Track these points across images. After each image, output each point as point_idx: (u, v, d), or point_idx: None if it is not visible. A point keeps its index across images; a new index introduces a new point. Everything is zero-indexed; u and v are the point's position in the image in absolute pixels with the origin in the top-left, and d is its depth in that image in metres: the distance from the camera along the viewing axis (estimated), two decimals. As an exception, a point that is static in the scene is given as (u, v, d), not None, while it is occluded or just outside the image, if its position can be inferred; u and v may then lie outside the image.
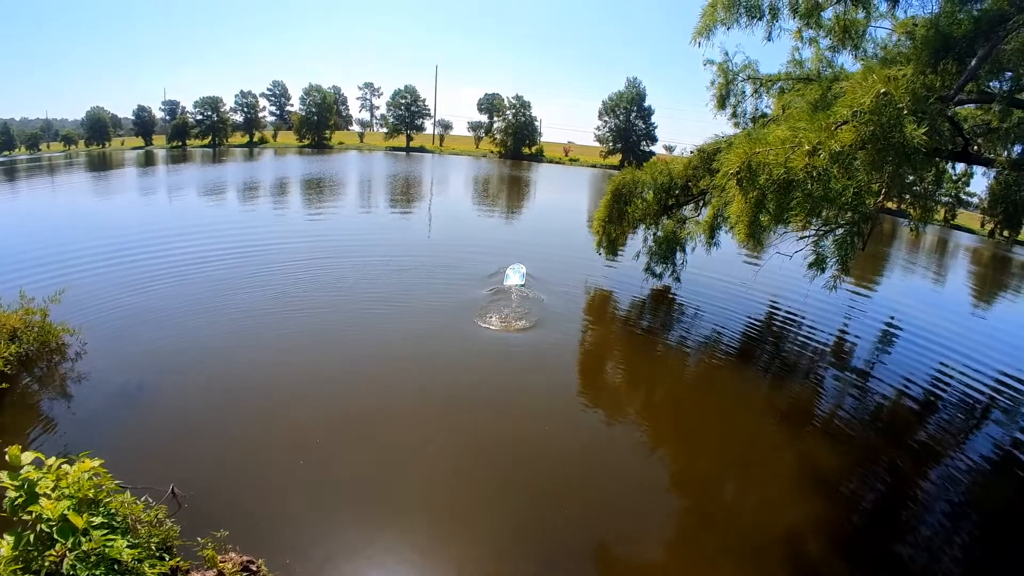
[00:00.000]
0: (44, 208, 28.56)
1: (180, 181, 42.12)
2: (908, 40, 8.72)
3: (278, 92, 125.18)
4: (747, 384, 10.06)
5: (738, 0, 9.66)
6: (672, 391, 9.78)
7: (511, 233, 22.10)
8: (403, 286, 13.60)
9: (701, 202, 13.16)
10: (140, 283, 12.83)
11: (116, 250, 16.22)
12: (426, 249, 18.21)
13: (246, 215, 24.74)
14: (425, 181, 44.87)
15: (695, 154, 12.82)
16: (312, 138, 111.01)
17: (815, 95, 7.81)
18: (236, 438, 7.04)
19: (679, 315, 13.24)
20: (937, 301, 20.21)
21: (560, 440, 7.60)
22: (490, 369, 9.44)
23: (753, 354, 11.50)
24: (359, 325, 11.04)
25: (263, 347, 9.75)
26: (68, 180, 45.98)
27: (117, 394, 7.91)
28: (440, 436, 7.47)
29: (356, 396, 8.40)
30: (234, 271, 14.08)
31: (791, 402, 9.62)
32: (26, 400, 7.79)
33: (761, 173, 6.93)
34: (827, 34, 10.25)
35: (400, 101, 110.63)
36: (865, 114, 5.83)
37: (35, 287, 9.44)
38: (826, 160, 6.25)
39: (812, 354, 11.86)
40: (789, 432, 8.54)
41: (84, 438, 6.70)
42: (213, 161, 66.06)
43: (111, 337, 9.74)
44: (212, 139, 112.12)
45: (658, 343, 11.43)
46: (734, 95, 12.14)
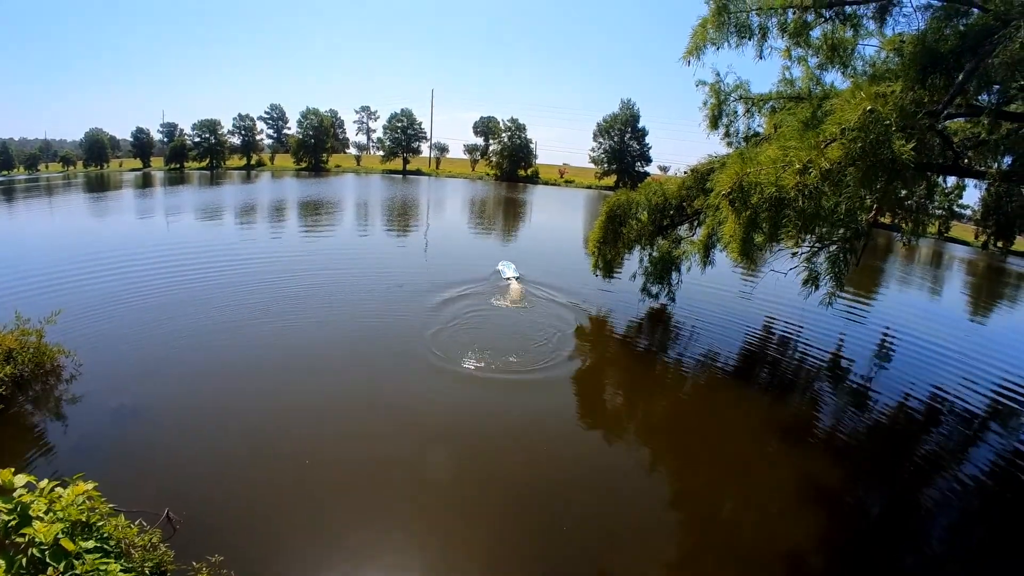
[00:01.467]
0: (41, 228, 28.66)
1: (177, 203, 42.16)
2: (896, 57, 8.86)
3: (275, 115, 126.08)
4: (746, 401, 10.06)
5: (727, 19, 9.80)
6: (671, 409, 9.75)
7: (506, 254, 22.11)
8: (400, 306, 13.61)
9: (696, 222, 13.22)
10: (136, 305, 12.83)
11: (112, 272, 16.23)
12: (423, 271, 18.19)
13: (242, 238, 24.77)
14: (422, 204, 45.01)
15: (689, 174, 12.91)
16: (309, 161, 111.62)
17: (806, 113, 7.90)
18: (231, 462, 7.00)
19: (676, 334, 13.26)
20: (933, 313, 20.31)
21: (559, 460, 7.57)
22: (484, 391, 9.40)
23: (751, 371, 11.52)
24: (355, 347, 11.03)
25: (258, 370, 9.73)
26: (66, 201, 46.14)
27: (111, 416, 7.87)
28: (436, 456, 7.44)
29: (353, 417, 8.36)
30: (230, 294, 14.06)
31: (790, 418, 9.62)
32: (20, 421, 7.75)
33: (753, 192, 6.99)
34: (816, 52, 10.42)
35: (396, 124, 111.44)
36: (852, 131, 5.91)
37: (31, 308, 9.41)
38: (816, 178, 6.32)
39: (810, 369, 11.88)
40: (789, 448, 8.52)
41: (78, 460, 6.68)
42: (211, 183, 66.29)
43: (106, 359, 9.72)
44: (210, 161, 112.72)
45: (656, 362, 11.44)
46: (726, 115, 12.27)
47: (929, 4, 8.74)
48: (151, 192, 54.59)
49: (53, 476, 4.93)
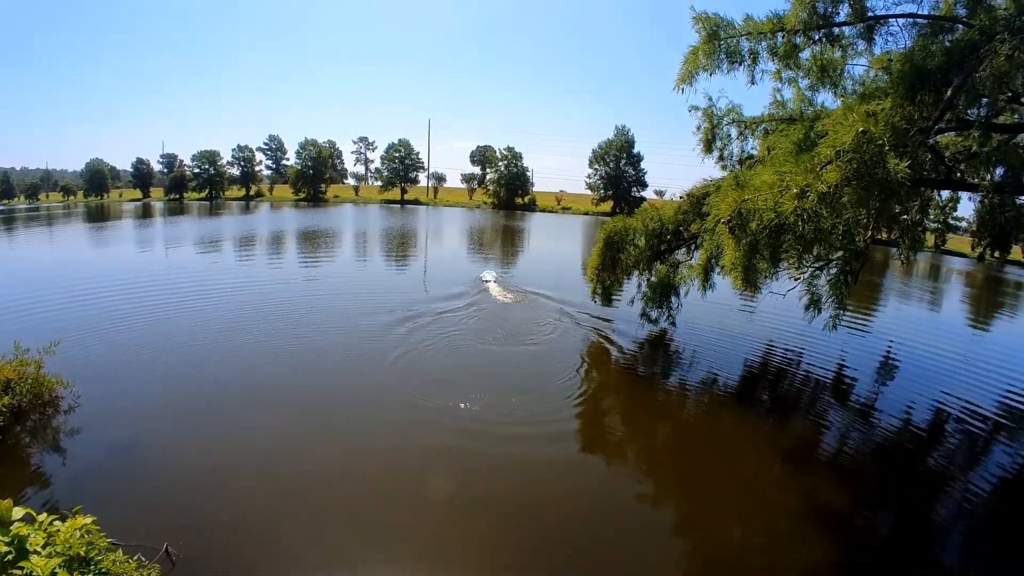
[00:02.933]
0: (41, 258, 28.73)
1: (177, 233, 42.37)
2: (885, 75, 9.01)
3: (274, 146, 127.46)
4: (750, 423, 10.00)
5: (718, 46, 9.95)
6: (674, 434, 9.68)
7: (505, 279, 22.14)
8: (402, 334, 13.57)
9: (693, 246, 13.28)
10: (135, 336, 12.80)
11: (112, 302, 16.23)
12: (423, 298, 18.18)
13: (242, 268, 24.79)
14: (420, 233, 45.19)
15: (685, 199, 13.00)
16: (308, 191, 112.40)
17: (798, 135, 7.98)
18: (231, 495, 6.88)
19: (677, 358, 13.22)
20: (934, 326, 20.35)
21: (560, 487, 7.48)
22: (486, 418, 9.30)
23: (754, 392, 11.47)
24: (357, 375, 10.98)
25: (258, 402, 9.64)
26: (66, 230, 46.31)
27: (110, 448, 7.78)
28: (437, 483, 7.36)
29: (355, 446, 8.28)
30: (230, 325, 14.04)
31: (794, 439, 9.55)
32: (18, 453, 7.67)
33: (752, 219, 7.02)
34: (806, 74, 10.59)
35: (394, 155, 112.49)
36: (848, 152, 5.97)
37: (30, 337, 9.38)
38: (814, 201, 6.37)
39: (812, 389, 11.84)
40: (794, 469, 8.45)
41: (76, 493, 6.57)
42: (210, 214, 66.59)
43: (105, 389, 9.66)
44: (209, 192, 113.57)
45: (657, 387, 11.38)
46: (720, 139, 12.41)
47: (915, 22, 8.91)
48: (151, 222, 54.92)
49: (51, 509, 4.89)
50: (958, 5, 8.48)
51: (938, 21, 8.57)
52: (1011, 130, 9.17)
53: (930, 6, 8.94)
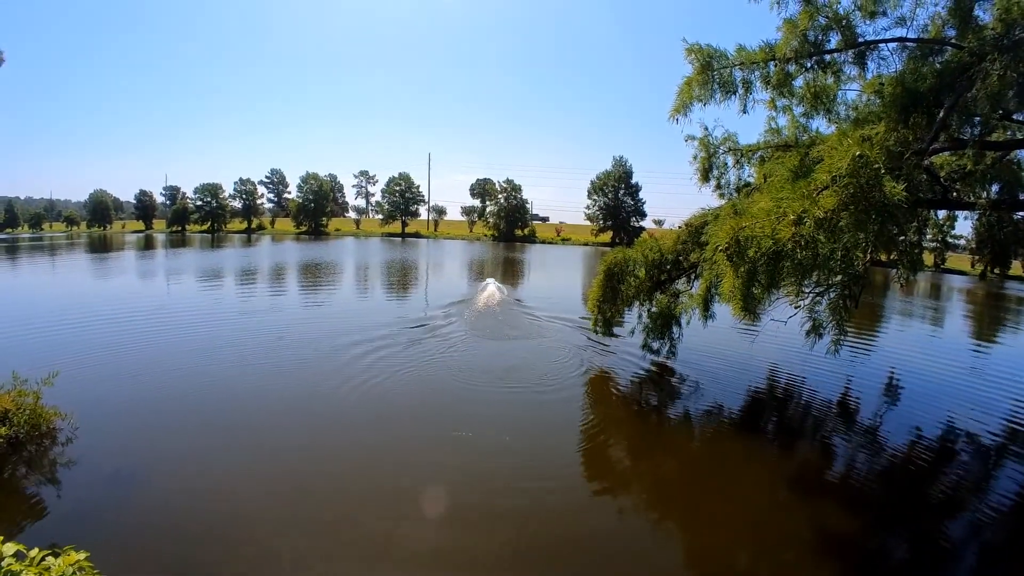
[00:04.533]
0: (43, 288, 28.87)
1: (179, 265, 42.52)
2: (877, 99, 9.15)
3: (276, 180, 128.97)
4: (755, 451, 9.87)
5: (711, 76, 10.10)
6: (679, 465, 9.53)
7: (505, 310, 22.13)
8: (409, 363, 13.54)
9: (693, 275, 13.29)
10: (135, 367, 12.74)
11: (112, 333, 16.23)
12: (427, 329, 18.15)
13: (243, 300, 24.80)
14: (421, 266, 45.32)
15: (683, 228, 13.06)
16: (309, 225, 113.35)
17: (794, 161, 8.06)
18: (230, 530, 6.73)
19: (679, 388, 13.10)
20: (938, 345, 20.26)
21: (564, 522, 7.34)
22: (487, 451, 9.17)
23: (758, 420, 11.36)
24: (366, 405, 10.85)
25: (261, 434, 9.52)
26: (68, 260, 46.56)
27: (106, 482, 7.67)
28: (444, 523, 7.23)
29: (358, 474, 8.17)
30: (230, 357, 13.99)
31: (801, 466, 9.43)
32: (13, 484, 7.56)
33: (750, 246, 7.06)
34: (800, 101, 10.77)
35: (395, 188, 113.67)
36: (844, 177, 6.03)
37: (30, 368, 9.36)
38: (811, 227, 6.40)
39: (817, 413, 11.75)
40: (802, 496, 8.31)
41: (71, 528, 6.48)
42: (212, 246, 66.90)
43: (103, 421, 9.57)
44: (211, 224, 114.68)
45: (661, 417, 11.28)
46: (716, 167, 12.55)
47: (905, 46, 9.07)
48: (153, 254, 55.24)
49: (45, 543, 4.80)
50: (947, 27, 8.67)
51: (927, 44, 8.74)
52: (1005, 147, 9.29)
53: (919, 29, 9.14)
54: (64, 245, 72.25)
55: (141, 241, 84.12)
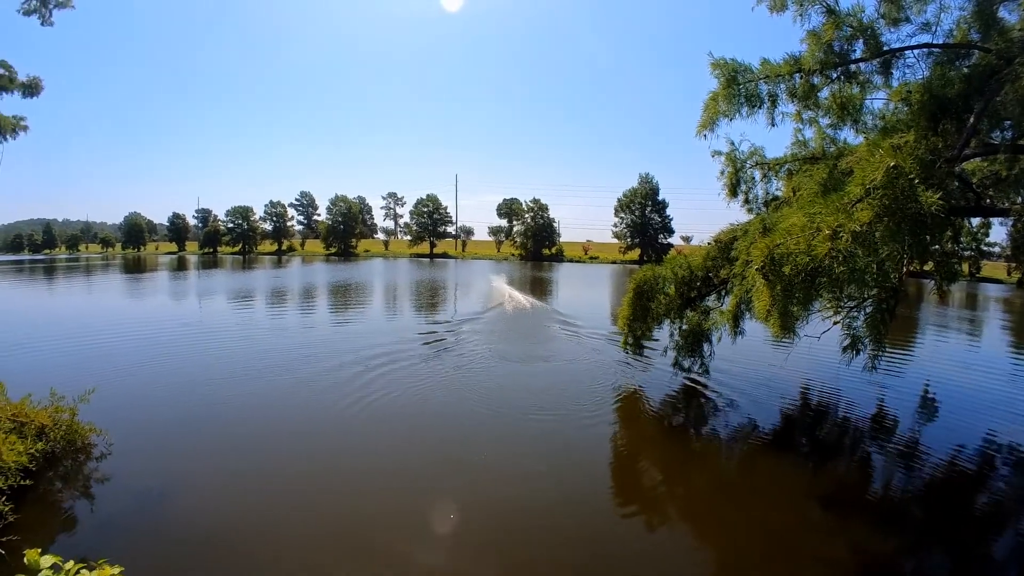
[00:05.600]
0: (79, 307, 29.65)
1: (211, 286, 43.28)
2: (905, 107, 8.97)
3: (305, 202, 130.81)
4: (789, 470, 9.61)
5: (738, 91, 10.03)
6: (710, 485, 9.31)
7: (533, 332, 22.12)
8: (444, 377, 13.59)
9: (723, 291, 13.12)
10: (169, 386, 13.00)
11: (147, 352, 16.61)
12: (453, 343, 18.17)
13: (276, 320, 25.17)
14: (449, 286, 45.46)
15: (712, 245, 12.90)
16: (339, 246, 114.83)
17: (823, 174, 7.95)
18: (260, 555, 6.66)
19: (711, 405, 12.87)
20: (975, 358, 19.65)
21: (591, 540, 7.22)
22: (516, 469, 9.09)
23: (791, 438, 11.08)
24: (394, 427, 10.83)
25: (297, 453, 9.52)
26: (104, 281, 47.75)
27: (139, 499, 7.75)
28: (467, 541, 7.16)
29: (385, 503, 8.10)
30: (265, 376, 14.13)
31: (835, 485, 9.14)
32: (48, 498, 7.71)
33: (785, 263, 6.93)
34: (826, 113, 10.63)
35: (423, 209, 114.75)
36: (879, 190, 5.90)
37: (67, 385, 9.54)
38: (848, 241, 6.27)
39: (852, 430, 11.41)
40: (838, 516, 8.04)
41: (103, 542, 6.57)
42: (243, 268, 68.01)
43: (137, 439, 9.72)
44: (242, 246, 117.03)
45: (691, 436, 11.07)
46: (744, 182, 12.42)
47: (930, 52, 8.91)
48: (186, 275, 56.39)
49: (78, 556, 4.85)
50: (972, 31, 8.50)
51: (953, 49, 8.58)
52: (1039, 150, 9.03)
53: (944, 34, 8.98)
54: (100, 266, 74.22)
55: (174, 262, 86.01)
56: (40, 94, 13.70)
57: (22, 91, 13.42)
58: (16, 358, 15.88)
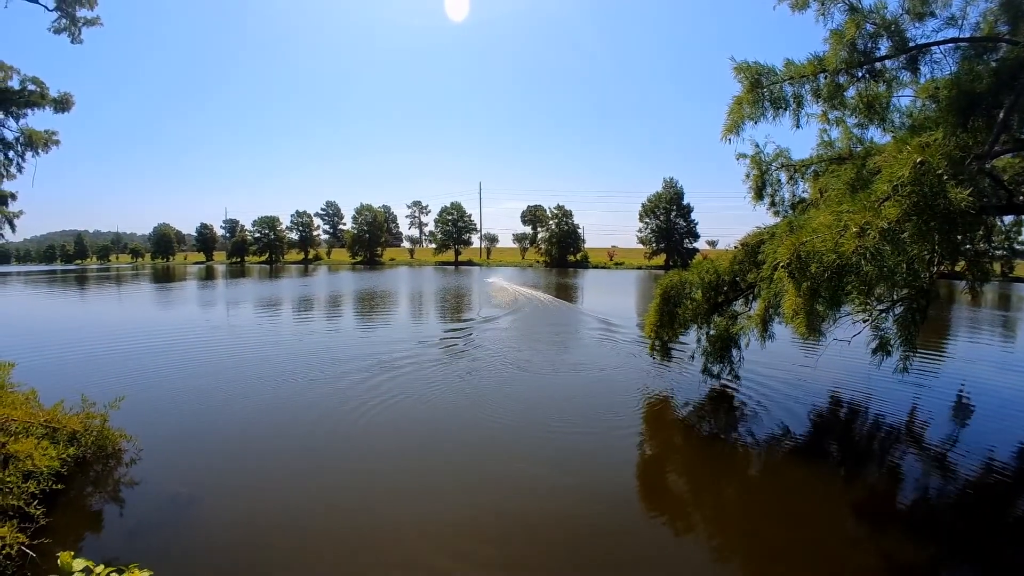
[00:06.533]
0: (111, 315, 30.33)
1: (238, 295, 43.92)
2: (933, 103, 8.78)
3: (331, 211, 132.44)
4: (819, 479, 9.40)
5: (762, 94, 9.91)
6: (739, 493, 9.14)
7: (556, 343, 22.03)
8: (455, 390, 13.61)
9: (751, 295, 12.96)
10: (199, 393, 13.20)
11: (177, 360, 16.91)
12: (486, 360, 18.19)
13: (304, 328, 25.39)
14: (474, 292, 45.52)
15: (739, 248, 12.75)
16: (364, 255, 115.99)
17: (850, 174, 7.81)
18: (289, 563, 6.63)
19: (740, 412, 12.66)
20: (1011, 360, 19.04)
21: (617, 547, 7.15)
22: (544, 478, 9.00)
23: (821, 445, 10.84)
24: (425, 433, 10.81)
25: (320, 466, 9.48)
26: (134, 290, 48.81)
27: (168, 505, 7.85)
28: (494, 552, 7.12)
29: (419, 503, 8.13)
30: (293, 385, 14.24)
31: (868, 492, 8.89)
32: (79, 503, 7.86)
33: (812, 262, 6.82)
34: (852, 112, 10.44)
35: (447, 217, 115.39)
36: (907, 186, 5.78)
37: (97, 391, 9.78)
38: (875, 239, 6.15)
39: (883, 436, 11.10)
40: (870, 526, 7.84)
41: (132, 547, 6.66)
42: (270, 277, 68.85)
43: (166, 445, 9.88)
44: (269, 256, 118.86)
45: (719, 442, 10.88)
46: (770, 184, 12.26)
47: (957, 46, 8.71)
48: (213, 284, 57.33)
49: (107, 560, 4.91)
50: (999, 23, 8.30)
51: (981, 43, 8.38)
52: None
53: (971, 27, 8.76)
54: (130, 275, 75.74)
55: (202, 272, 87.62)
56: (71, 109, 14.13)
57: (53, 107, 13.87)
58: (49, 364, 16.30)
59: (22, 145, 13.76)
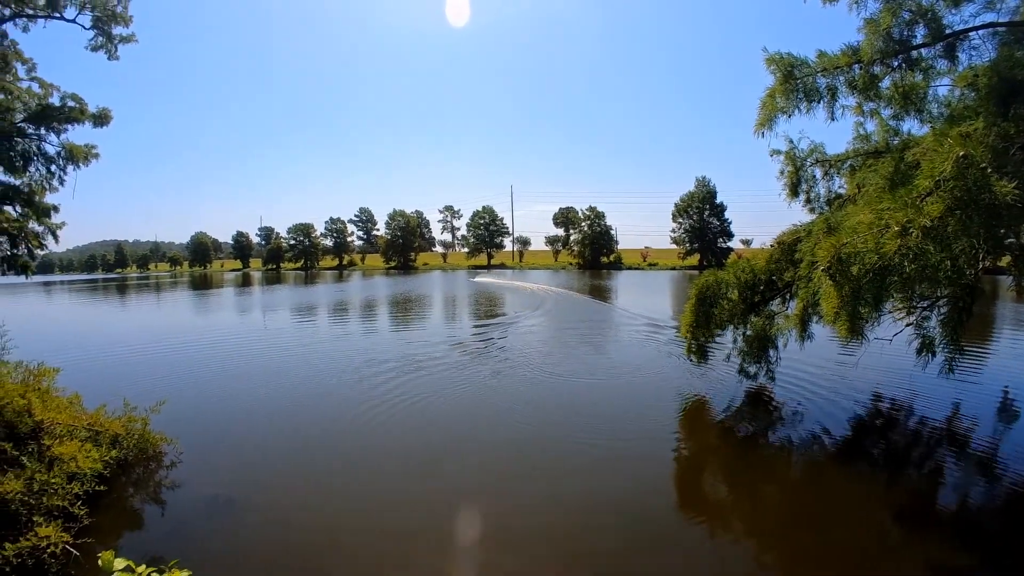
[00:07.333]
0: (151, 321, 31.12)
1: (275, 300, 44.75)
2: (971, 92, 8.48)
3: (364, 218, 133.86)
4: (859, 483, 9.12)
5: (795, 86, 9.70)
6: (778, 497, 8.91)
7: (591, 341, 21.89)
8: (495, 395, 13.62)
9: (788, 295, 12.70)
10: (237, 397, 13.51)
11: (216, 364, 17.35)
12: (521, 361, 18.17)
13: (340, 332, 25.71)
14: (506, 296, 45.52)
15: (775, 247, 12.51)
16: (398, 260, 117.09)
17: (888, 168, 7.57)
18: (330, 558, 6.75)
19: (778, 413, 12.38)
20: None
21: (652, 552, 7.05)
22: (581, 482, 8.90)
23: (861, 448, 10.52)
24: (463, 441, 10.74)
25: (362, 464, 9.61)
26: (173, 297, 49.96)
27: (207, 507, 8.01)
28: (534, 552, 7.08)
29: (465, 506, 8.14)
30: (330, 388, 14.40)
31: (910, 497, 8.59)
32: (121, 503, 8.10)
33: (853, 263, 6.64)
34: (888, 103, 10.11)
35: (479, 221, 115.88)
36: (949, 181, 5.58)
37: (139, 395, 10.09)
38: (918, 237, 5.96)
39: (926, 439, 10.70)
40: (912, 532, 7.57)
41: (172, 547, 6.80)
42: (305, 283, 69.84)
43: (205, 448, 10.10)
44: (304, 262, 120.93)
45: (756, 445, 10.65)
46: (805, 181, 11.98)
47: (995, 31, 8.39)
48: (250, 290, 58.54)
49: (148, 559, 5.00)
50: None
51: (1020, 27, 8.06)
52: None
53: (1010, 11, 8.41)
54: (168, 283, 77.60)
55: (239, 278, 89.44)
56: (109, 124, 14.57)
57: (92, 122, 14.33)
58: (93, 369, 16.89)
59: (63, 159, 14.28)
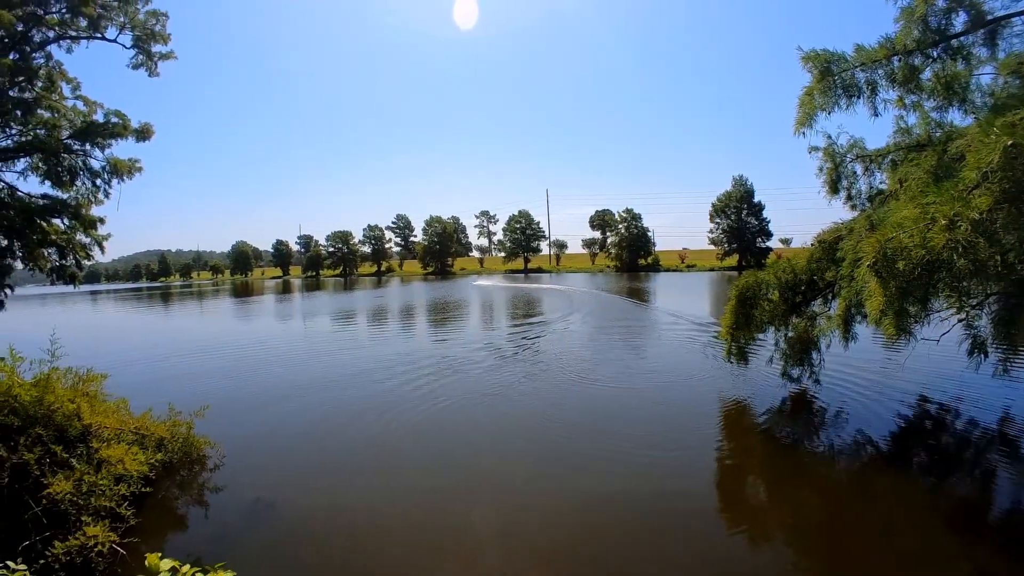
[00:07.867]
0: (195, 328, 32.06)
1: (315, 307, 45.52)
2: (1016, 79, 8.15)
3: (402, 225, 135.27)
4: (906, 487, 8.81)
5: (833, 82, 9.47)
6: (821, 503, 8.64)
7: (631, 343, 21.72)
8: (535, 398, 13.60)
9: (830, 294, 12.37)
10: (279, 401, 13.81)
11: (258, 368, 17.79)
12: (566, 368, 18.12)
13: (379, 337, 26.08)
14: (546, 300, 45.41)
15: (816, 245, 12.21)
16: (435, 266, 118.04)
17: (931, 161, 7.32)
18: (372, 564, 6.78)
19: (821, 417, 12.04)
20: None
21: (692, 559, 6.92)
22: (620, 488, 8.79)
23: (908, 452, 10.16)
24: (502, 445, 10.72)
25: (404, 468, 9.61)
26: (215, 304, 51.22)
27: (249, 509, 8.18)
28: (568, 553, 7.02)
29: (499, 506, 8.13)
30: (371, 393, 14.55)
31: (959, 502, 8.24)
32: (165, 505, 8.36)
33: (899, 259, 6.44)
34: (930, 95, 9.76)
35: (515, 226, 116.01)
36: (996, 173, 5.37)
37: (184, 399, 10.43)
38: (967, 231, 5.75)
39: (975, 443, 10.23)
40: (962, 538, 7.27)
41: (215, 548, 6.96)
42: (344, 289, 70.84)
43: (247, 452, 10.33)
44: (343, 269, 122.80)
45: (802, 451, 10.36)
46: (845, 177, 11.64)
47: None
48: (290, 297, 59.72)
49: (192, 561, 5.10)
50: None
51: None
52: None
53: None
54: (211, 291, 79.49)
55: (279, 286, 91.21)
56: (151, 138, 15.14)
57: (135, 137, 14.91)
58: (139, 374, 17.50)
59: (108, 173, 14.97)
